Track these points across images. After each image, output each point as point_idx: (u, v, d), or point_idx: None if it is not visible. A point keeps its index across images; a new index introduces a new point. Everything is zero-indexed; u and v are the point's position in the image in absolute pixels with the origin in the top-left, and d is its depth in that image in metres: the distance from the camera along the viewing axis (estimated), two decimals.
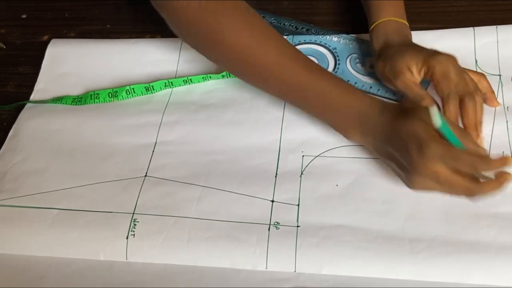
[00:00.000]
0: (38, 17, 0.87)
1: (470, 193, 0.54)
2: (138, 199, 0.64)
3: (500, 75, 0.70)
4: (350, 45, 0.75)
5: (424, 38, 0.69)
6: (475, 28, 0.73)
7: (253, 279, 0.57)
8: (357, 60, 0.74)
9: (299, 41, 0.76)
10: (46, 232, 0.63)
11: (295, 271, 0.58)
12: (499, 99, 0.67)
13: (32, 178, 0.67)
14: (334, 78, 0.61)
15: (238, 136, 0.68)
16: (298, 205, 0.62)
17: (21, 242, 0.63)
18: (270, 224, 0.60)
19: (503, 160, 0.53)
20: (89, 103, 0.74)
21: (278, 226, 0.60)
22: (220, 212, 0.62)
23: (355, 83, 0.71)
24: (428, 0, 0.79)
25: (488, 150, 0.64)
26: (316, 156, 0.66)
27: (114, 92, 0.74)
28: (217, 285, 0.57)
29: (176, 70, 0.77)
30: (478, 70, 0.70)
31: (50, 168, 0.68)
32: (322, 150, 0.66)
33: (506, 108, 0.67)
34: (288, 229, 0.60)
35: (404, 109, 0.58)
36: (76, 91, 0.77)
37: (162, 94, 0.74)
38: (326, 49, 0.75)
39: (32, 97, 0.77)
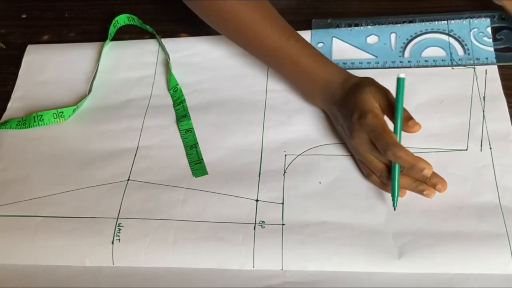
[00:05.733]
0: (38, 17, 0.86)
1: (373, 182, 0.62)
2: (122, 203, 0.64)
3: (474, 68, 0.71)
4: (464, 22, 0.74)
5: None
6: (449, 21, 0.75)
7: (240, 277, 0.58)
8: (481, 33, 0.73)
9: (415, 33, 0.75)
10: (30, 240, 0.62)
11: (282, 269, 0.58)
12: (475, 91, 0.69)
13: (13, 187, 0.67)
14: (309, 48, 0.67)
15: (220, 137, 0.69)
16: (283, 203, 0.62)
17: (5, 251, 0.62)
18: (255, 223, 0.61)
19: (418, 163, 0.57)
20: (33, 126, 0.72)
21: (264, 225, 0.61)
22: (205, 214, 0.62)
23: (486, 57, 0.71)
24: None
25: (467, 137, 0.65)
26: (299, 155, 0.66)
27: (60, 112, 0.72)
28: (205, 285, 0.58)
29: (155, 73, 0.77)
30: (454, 63, 0.71)
31: (32, 176, 0.68)
32: (304, 149, 0.67)
33: (482, 99, 0.68)
34: (273, 228, 0.60)
35: (363, 81, 0.63)
36: (53, 98, 0.76)
37: (141, 97, 0.74)
38: (446, 35, 0.75)
39: (9, 106, 0.76)
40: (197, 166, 0.67)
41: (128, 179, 0.66)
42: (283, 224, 0.61)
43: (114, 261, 0.60)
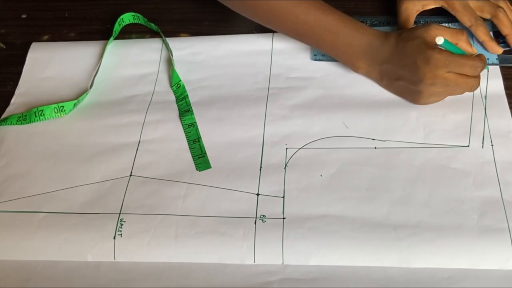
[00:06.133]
0: (38, 17, 0.87)
1: (473, 88, 0.66)
2: (124, 199, 0.64)
3: None
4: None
5: None
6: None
7: (240, 273, 0.58)
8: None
9: None
10: (32, 236, 0.62)
11: (282, 263, 0.58)
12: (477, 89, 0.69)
13: (16, 183, 0.67)
14: (344, 16, 0.69)
15: (222, 132, 0.69)
16: (283, 197, 0.62)
17: (7, 247, 0.62)
18: (256, 218, 0.61)
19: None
20: (34, 121, 0.73)
21: (264, 219, 0.61)
22: (206, 208, 0.62)
23: (488, 58, 0.70)
24: None
25: (469, 133, 0.66)
26: (300, 148, 0.66)
27: (61, 107, 0.73)
28: (205, 280, 0.58)
29: (158, 71, 0.77)
30: None
31: (34, 172, 0.68)
32: (305, 142, 0.66)
33: (483, 98, 0.69)
34: (274, 222, 0.60)
35: (405, 32, 0.66)
36: (56, 94, 0.76)
37: (144, 93, 0.74)
38: None
39: (13, 101, 0.76)
40: (201, 160, 0.67)
41: (131, 175, 0.66)
42: (284, 218, 0.61)
43: (116, 256, 0.60)
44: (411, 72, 0.65)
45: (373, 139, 0.66)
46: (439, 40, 0.63)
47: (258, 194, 0.63)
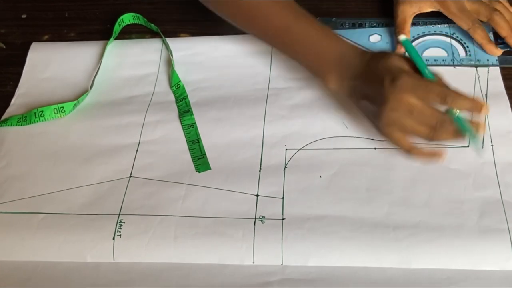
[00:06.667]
0: (38, 17, 0.87)
1: (439, 128, 0.56)
2: (124, 200, 0.64)
3: (476, 67, 0.71)
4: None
5: None
6: (451, 24, 0.75)
7: (240, 273, 0.58)
8: None
9: (418, 34, 0.75)
10: (32, 236, 0.62)
11: (282, 264, 0.58)
12: (477, 89, 0.69)
13: (16, 184, 0.67)
14: (317, 23, 0.65)
15: (221, 132, 0.69)
16: (283, 198, 0.62)
17: (7, 247, 0.62)
18: (255, 218, 0.61)
19: (475, 101, 0.56)
20: (34, 122, 0.73)
21: (264, 220, 0.61)
22: (206, 209, 0.62)
23: (488, 59, 0.72)
24: None
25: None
26: (299, 149, 0.66)
27: (60, 107, 0.73)
28: (205, 281, 0.58)
29: (158, 71, 0.77)
30: (456, 62, 0.71)
31: (34, 173, 0.68)
32: (305, 143, 0.66)
33: (484, 96, 0.69)
34: (273, 223, 0.60)
35: (381, 52, 0.62)
36: (57, 95, 0.76)
37: (144, 94, 0.74)
38: (448, 37, 0.75)
39: (13, 102, 0.76)
40: (200, 161, 0.67)
41: (130, 176, 0.66)
42: (283, 219, 0.61)
43: (115, 256, 0.60)
44: (377, 92, 0.58)
45: (372, 139, 0.66)
46: (402, 37, 0.61)
47: (257, 195, 0.63)
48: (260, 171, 0.65)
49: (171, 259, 0.60)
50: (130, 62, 0.78)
